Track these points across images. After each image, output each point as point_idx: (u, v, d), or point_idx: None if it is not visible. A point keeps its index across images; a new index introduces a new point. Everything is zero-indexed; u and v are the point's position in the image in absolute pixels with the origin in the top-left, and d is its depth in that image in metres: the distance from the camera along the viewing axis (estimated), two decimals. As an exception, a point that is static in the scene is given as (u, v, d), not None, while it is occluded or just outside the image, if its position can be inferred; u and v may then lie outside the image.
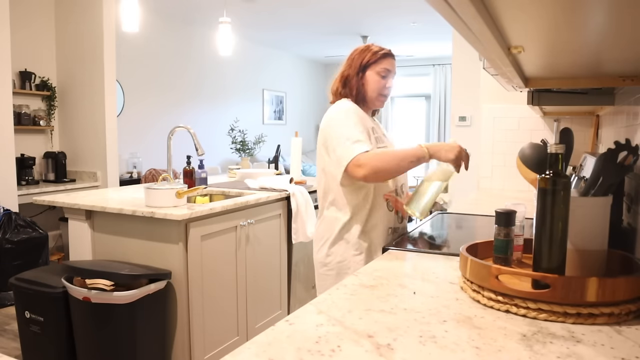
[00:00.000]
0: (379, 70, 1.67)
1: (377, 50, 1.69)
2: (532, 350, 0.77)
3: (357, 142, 1.51)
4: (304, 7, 5.58)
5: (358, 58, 1.69)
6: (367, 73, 1.67)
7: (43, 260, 3.49)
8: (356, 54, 1.71)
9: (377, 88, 1.67)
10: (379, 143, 1.65)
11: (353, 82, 1.68)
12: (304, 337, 0.83)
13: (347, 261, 1.62)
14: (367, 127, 1.62)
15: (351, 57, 1.72)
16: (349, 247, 1.62)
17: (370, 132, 1.62)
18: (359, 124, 1.56)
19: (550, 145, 0.94)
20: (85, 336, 2.12)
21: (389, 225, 1.65)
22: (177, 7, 5.56)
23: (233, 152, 6.84)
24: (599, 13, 0.61)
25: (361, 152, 1.49)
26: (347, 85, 1.70)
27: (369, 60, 1.67)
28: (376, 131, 1.68)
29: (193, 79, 6.51)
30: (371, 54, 1.67)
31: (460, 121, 4.06)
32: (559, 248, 0.94)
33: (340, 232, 1.63)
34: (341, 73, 1.73)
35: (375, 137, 1.65)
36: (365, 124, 1.60)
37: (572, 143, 1.40)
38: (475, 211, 2.12)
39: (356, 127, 1.54)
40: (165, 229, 2.19)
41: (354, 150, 1.49)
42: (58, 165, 4.42)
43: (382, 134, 1.73)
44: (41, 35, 4.46)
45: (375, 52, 1.68)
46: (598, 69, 1.14)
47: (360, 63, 1.67)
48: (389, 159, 1.49)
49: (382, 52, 1.68)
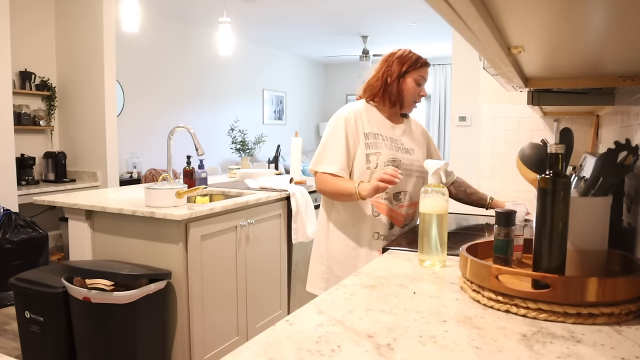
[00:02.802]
0: (416, 78, 1.72)
1: (417, 58, 1.74)
2: (532, 350, 0.77)
3: (324, 160, 1.67)
4: (303, 7, 5.58)
5: (398, 63, 1.72)
6: (406, 79, 1.72)
7: (43, 260, 3.49)
8: (395, 58, 1.74)
9: (413, 95, 1.73)
10: (379, 148, 1.68)
11: (393, 87, 1.72)
12: (304, 337, 0.83)
13: (331, 260, 1.72)
14: (364, 132, 1.68)
15: (389, 62, 1.74)
16: (332, 247, 1.72)
17: (361, 137, 1.68)
18: (342, 138, 1.66)
19: (550, 145, 0.94)
20: (85, 336, 2.12)
21: (374, 230, 1.69)
22: (177, 7, 5.56)
23: (233, 152, 6.84)
24: (599, 13, 0.61)
25: (320, 171, 1.67)
26: (385, 89, 1.73)
27: (409, 67, 1.71)
28: (385, 137, 1.71)
29: (193, 79, 6.51)
30: (412, 62, 1.72)
31: (460, 121, 4.06)
32: (559, 248, 0.94)
33: (326, 231, 1.75)
34: (378, 75, 1.75)
35: (371, 142, 1.68)
36: (356, 133, 1.67)
37: (572, 143, 1.40)
38: (475, 211, 2.12)
39: (337, 141, 1.66)
40: (165, 229, 2.19)
41: (317, 166, 1.69)
42: (58, 165, 4.42)
43: (401, 138, 1.76)
44: (41, 35, 4.46)
45: (416, 59, 1.73)
46: (598, 69, 1.14)
47: (401, 69, 1.71)
48: (329, 188, 1.66)
49: (422, 61, 1.73)
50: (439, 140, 8.96)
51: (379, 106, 1.76)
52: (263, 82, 8.07)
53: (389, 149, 1.69)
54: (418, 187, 1.75)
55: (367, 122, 1.70)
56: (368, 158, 1.66)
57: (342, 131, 1.67)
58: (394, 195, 1.71)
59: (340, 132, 1.67)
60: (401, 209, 1.72)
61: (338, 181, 1.64)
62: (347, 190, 1.60)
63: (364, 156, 1.66)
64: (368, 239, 1.69)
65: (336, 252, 1.72)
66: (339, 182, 1.64)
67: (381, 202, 1.68)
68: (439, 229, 1.26)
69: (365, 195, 1.56)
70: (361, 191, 1.57)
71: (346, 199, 1.66)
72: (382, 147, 1.68)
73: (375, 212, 1.68)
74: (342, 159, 1.66)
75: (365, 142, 1.67)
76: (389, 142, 1.71)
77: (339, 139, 1.66)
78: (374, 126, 1.71)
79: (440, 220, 1.27)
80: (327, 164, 1.66)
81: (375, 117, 1.74)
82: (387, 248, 1.47)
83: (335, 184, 1.65)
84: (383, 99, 1.74)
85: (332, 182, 1.65)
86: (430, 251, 1.27)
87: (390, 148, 1.70)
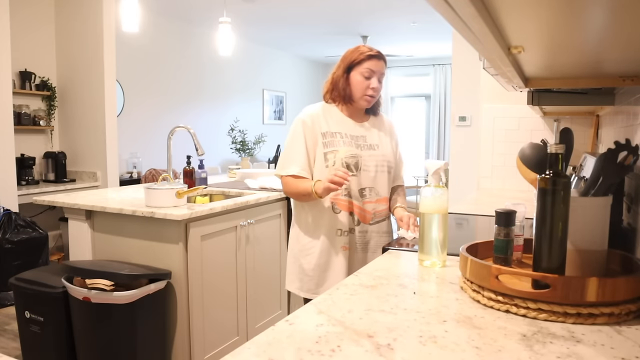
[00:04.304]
0: (362, 71, 1.71)
1: (363, 50, 1.73)
2: (532, 350, 0.77)
3: (286, 163, 1.72)
4: (303, 7, 5.58)
5: (346, 58, 1.75)
6: (351, 73, 1.73)
7: (43, 260, 3.49)
8: (346, 54, 1.77)
9: (361, 88, 1.72)
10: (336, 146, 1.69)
11: (340, 83, 1.74)
12: (304, 337, 0.83)
13: (302, 259, 1.75)
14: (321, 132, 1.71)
15: (342, 58, 1.78)
16: (300, 246, 1.76)
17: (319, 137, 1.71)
18: (301, 140, 1.71)
19: (550, 145, 0.94)
20: (85, 336, 2.12)
21: (336, 227, 1.71)
22: (177, 7, 5.55)
23: (233, 152, 6.84)
24: (599, 13, 0.61)
25: (284, 175, 1.72)
26: (335, 87, 1.77)
27: (354, 60, 1.72)
28: (344, 135, 1.73)
29: (193, 79, 6.50)
30: (357, 55, 1.72)
31: (460, 121, 4.06)
32: (559, 248, 0.94)
33: (296, 231, 1.79)
34: (332, 74, 1.80)
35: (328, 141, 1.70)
36: (314, 134, 1.71)
37: (572, 143, 1.40)
38: (475, 211, 2.12)
39: (296, 144, 1.71)
40: (165, 229, 2.19)
41: (281, 170, 1.74)
42: (58, 165, 4.42)
43: (365, 134, 1.77)
44: (41, 35, 4.46)
45: (361, 52, 1.72)
46: (598, 69, 1.14)
47: (347, 63, 1.73)
48: (292, 190, 1.72)
49: (367, 53, 1.72)
50: (439, 140, 8.95)
51: (339, 105, 1.79)
52: (263, 82, 8.07)
53: (347, 145, 1.71)
54: (385, 183, 1.77)
55: (324, 122, 1.73)
56: (326, 156, 1.69)
57: (301, 134, 1.71)
58: (359, 192, 1.72)
59: (299, 134, 1.71)
60: (367, 205, 1.73)
61: (299, 182, 1.70)
62: (306, 190, 1.66)
63: (322, 155, 1.70)
64: (331, 236, 1.71)
65: (305, 251, 1.75)
66: (300, 183, 1.69)
67: (341, 199, 1.70)
68: (439, 229, 1.26)
69: (321, 193, 1.61)
70: (317, 190, 1.62)
71: (307, 199, 1.70)
72: (339, 145, 1.70)
73: (336, 209, 1.71)
74: (302, 160, 1.70)
75: (323, 141, 1.71)
76: (348, 139, 1.72)
77: (298, 141, 1.71)
78: (333, 125, 1.74)
79: (441, 220, 1.27)
80: (288, 167, 1.71)
81: (334, 116, 1.76)
82: (387, 248, 1.47)
83: (297, 185, 1.70)
84: (337, 97, 1.77)
85: (294, 183, 1.71)
86: (430, 251, 1.27)
87: (350, 145, 1.71)
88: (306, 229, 1.76)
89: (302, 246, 1.76)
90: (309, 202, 1.73)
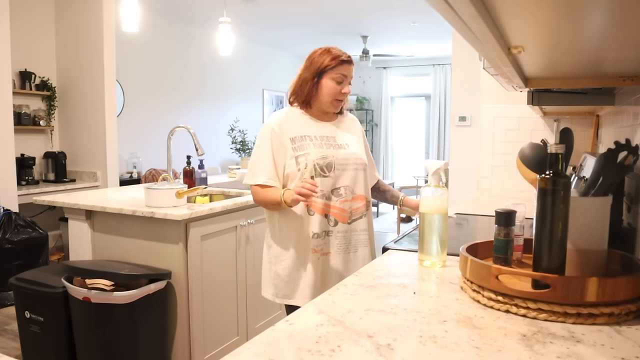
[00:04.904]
0: (334, 77, 1.68)
1: (336, 55, 1.69)
2: (532, 350, 0.77)
3: (254, 172, 1.70)
4: (303, 7, 5.58)
5: (316, 62, 1.70)
6: (323, 79, 1.69)
7: (43, 260, 3.49)
8: (315, 56, 1.71)
9: (332, 93, 1.70)
10: (306, 149, 1.67)
11: (308, 86, 1.70)
12: (304, 337, 0.83)
13: (277, 265, 1.72)
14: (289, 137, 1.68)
15: (310, 59, 1.72)
16: (274, 252, 1.73)
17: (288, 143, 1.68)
18: (268, 148, 1.68)
19: (550, 145, 0.94)
20: (85, 336, 2.12)
21: (311, 229, 1.66)
22: (177, 7, 5.56)
23: (233, 152, 6.84)
24: (599, 13, 0.61)
25: (252, 184, 1.70)
26: (302, 91, 1.72)
27: (327, 65, 1.68)
28: (314, 137, 1.70)
29: (193, 79, 6.50)
30: (329, 60, 1.68)
31: (460, 121, 4.06)
32: (559, 248, 0.94)
33: (269, 237, 1.76)
34: (299, 76, 1.74)
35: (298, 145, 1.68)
36: (281, 140, 1.68)
37: (572, 143, 1.40)
38: (475, 211, 2.12)
39: (263, 152, 1.69)
40: (165, 229, 2.19)
41: (251, 180, 1.71)
42: (58, 165, 4.42)
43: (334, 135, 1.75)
44: (41, 35, 4.46)
45: (334, 57, 1.68)
46: (598, 69, 1.14)
47: (318, 67, 1.69)
48: (261, 199, 1.70)
49: (340, 59, 1.68)
50: (439, 140, 8.95)
51: (305, 108, 1.75)
52: (263, 82, 8.07)
53: (317, 147, 1.68)
54: (360, 180, 1.74)
55: (292, 126, 1.70)
56: (297, 160, 1.66)
57: (268, 141, 1.68)
58: (335, 191, 1.68)
59: (266, 142, 1.69)
60: (344, 204, 1.69)
61: (267, 192, 1.67)
62: (275, 200, 1.63)
63: (294, 159, 1.67)
64: (306, 239, 1.67)
65: (279, 256, 1.71)
66: (268, 193, 1.67)
67: (316, 201, 1.66)
68: (439, 229, 1.26)
69: (290, 203, 1.59)
70: (286, 199, 1.59)
71: (277, 208, 1.67)
72: (309, 147, 1.68)
73: (310, 212, 1.67)
74: (269, 168, 1.68)
75: (292, 146, 1.68)
76: (318, 141, 1.70)
77: (265, 149, 1.69)
78: (301, 128, 1.71)
79: (440, 220, 1.27)
80: (256, 176, 1.69)
81: (301, 120, 1.73)
82: (387, 248, 1.47)
83: (265, 194, 1.67)
84: (304, 101, 1.73)
85: (262, 193, 1.68)
86: (430, 251, 1.27)
87: (320, 146, 1.69)
88: (279, 234, 1.72)
89: (276, 252, 1.72)
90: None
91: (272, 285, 1.74)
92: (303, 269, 1.67)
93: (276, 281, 1.72)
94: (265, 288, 1.78)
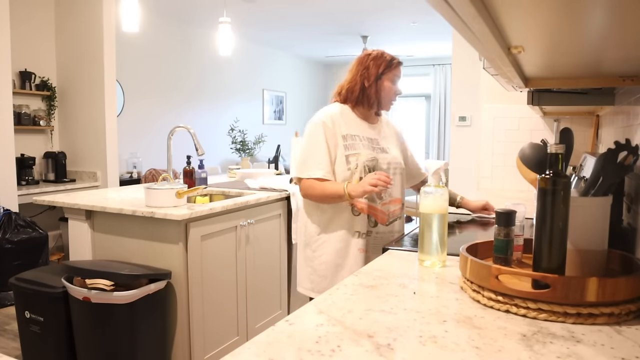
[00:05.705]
0: (391, 78, 1.77)
1: (391, 58, 1.78)
2: (532, 350, 0.77)
3: (309, 166, 1.70)
4: (303, 7, 5.58)
5: (374, 66, 1.76)
6: (383, 81, 1.76)
7: (43, 260, 3.49)
8: (370, 61, 1.77)
9: (390, 94, 1.78)
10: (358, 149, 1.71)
11: (372, 90, 1.76)
12: (304, 337, 0.83)
13: (315, 260, 1.76)
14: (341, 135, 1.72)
15: (365, 64, 1.77)
16: (315, 248, 1.76)
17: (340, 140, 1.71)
18: (323, 143, 1.70)
19: (550, 145, 0.94)
20: (85, 336, 2.12)
21: (355, 229, 1.72)
22: (177, 7, 5.55)
23: (233, 152, 6.84)
24: (599, 13, 0.61)
25: (306, 177, 1.70)
26: (363, 92, 1.77)
27: (385, 68, 1.75)
28: (362, 138, 1.75)
29: (193, 79, 6.50)
30: (387, 63, 1.76)
31: (460, 121, 4.06)
32: (559, 248, 0.94)
33: (309, 234, 1.79)
34: (355, 78, 1.78)
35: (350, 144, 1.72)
36: (334, 136, 1.71)
37: (572, 143, 1.40)
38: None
39: (318, 146, 1.70)
40: (165, 229, 2.19)
41: (302, 173, 1.72)
42: (58, 165, 4.42)
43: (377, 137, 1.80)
44: (41, 35, 4.46)
45: (390, 60, 1.77)
46: (598, 69, 1.14)
47: (377, 71, 1.75)
48: (317, 193, 1.70)
49: (396, 61, 1.78)
50: (439, 140, 8.95)
51: (354, 107, 1.80)
52: (263, 82, 8.07)
53: (367, 149, 1.74)
54: (397, 183, 1.80)
55: (344, 125, 1.74)
56: (348, 159, 1.70)
57: (322, 136, 1.71)
58: (377, 194, 1.73)
59: (320, 137, 1.71)
60: (385, 207, 1.76)
61: (326, 185, 1.69)
62: (337, 193, 1.65)
63: (344, 158, 1.71)
64: (349, 238, 1.72)
65: (319, 252, 1.75)
66: (327, 186, 1.68)
67: (360, 201, 1.72)
68: (439, 229, 1.26)
69: (355, 195, 1.62)
70: (351, 192, 1.62)
71: (335, 201, 1.70)
72: (360, 148, 1.72)
73: (355, 212, 1.72)
74: (326, 163, 1.70)
75: (344, 144, 1.71)
76: (366, 142, 1.75)
77: (320, 144, 1.71)
78: (352, 128, 1.75)
79: (440, 220, 1.27)
80: (312, 170, 1.70)
81: (352, 119, 1.78)
82: (387, 248, 1.47)
83: (323, 187, 1.69)
84: (362, 102, 1.78)
85: (320, 186, 1.69)
86: (430, 251, 1.27)
87: (368, 148, 1.74)
88: (322, 229, 1.75)
89: (314, 248, 1.76)
90: (325, 204, 1.74)
91: (308, 281, 1.78)
92: (342, 266, 1.72)
93: (312, 276, 1.76)
94: (301, 284, 1.83)
